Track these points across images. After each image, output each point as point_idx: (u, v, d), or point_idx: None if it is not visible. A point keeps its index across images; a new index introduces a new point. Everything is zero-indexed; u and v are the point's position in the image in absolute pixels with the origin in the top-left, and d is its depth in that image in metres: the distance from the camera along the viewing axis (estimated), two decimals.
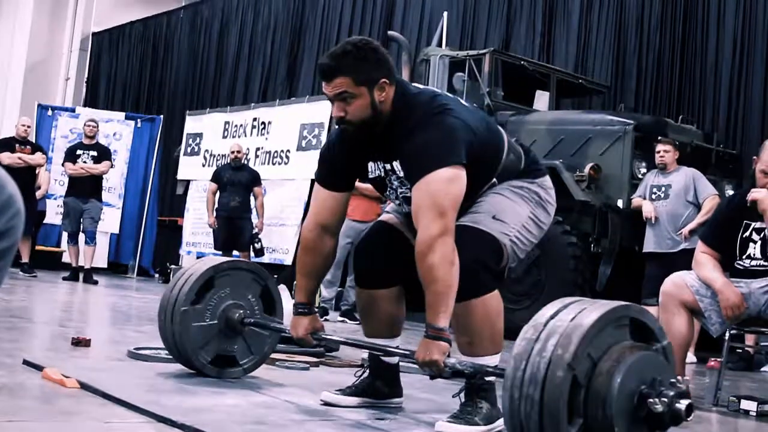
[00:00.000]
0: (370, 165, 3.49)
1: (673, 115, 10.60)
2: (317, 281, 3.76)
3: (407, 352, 3.32)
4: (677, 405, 2.49)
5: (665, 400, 2.48)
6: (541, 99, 10.56)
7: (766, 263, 4.61)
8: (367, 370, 3.72)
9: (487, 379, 3.33)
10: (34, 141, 12.85)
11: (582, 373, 2.46)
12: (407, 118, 3.29)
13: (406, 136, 3.27)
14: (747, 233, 4.70)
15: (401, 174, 3.37)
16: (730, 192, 8.75)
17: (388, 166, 3.42)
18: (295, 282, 11.61)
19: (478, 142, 3.29)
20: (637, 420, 2.51)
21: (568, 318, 2.54)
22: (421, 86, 3.62)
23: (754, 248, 4.67)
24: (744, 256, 4.68)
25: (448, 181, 3.15)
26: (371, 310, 3.63)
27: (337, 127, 3.51)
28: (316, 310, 3.86)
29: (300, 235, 3.84)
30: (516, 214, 3.45)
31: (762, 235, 4.64)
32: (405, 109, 3.32)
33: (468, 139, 3.24)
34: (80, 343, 4.67)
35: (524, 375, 2.47)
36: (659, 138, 8.61)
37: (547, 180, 3.63)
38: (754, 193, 4.58)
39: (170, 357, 4.12)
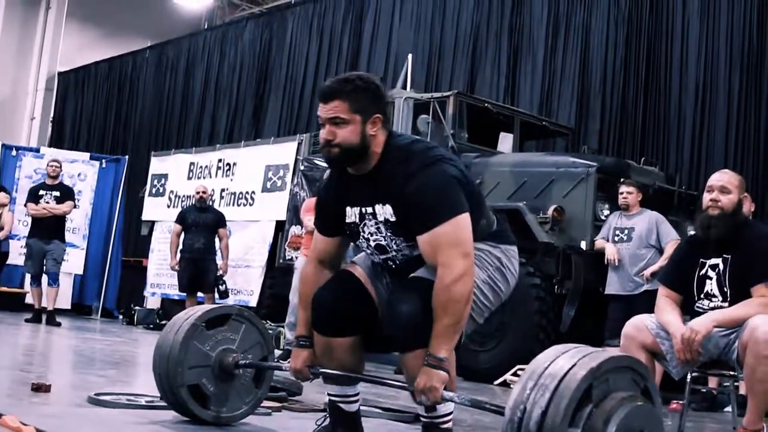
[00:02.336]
0: (348, 210, 3.53)
1: (637, 156, 10.69)
2: None
3: (404, 383, 3.38)
4: None
5: None
6: (506, 141, 10.60)
7: (723, 303, 4.63)
8: (328, 418, 3.72)
9: (444, 427, 3.38)
10: None
11: (578, 423, 2.56)
12: (403, 164, 3.34)
13: (403, 181, 3.31)
14: (703, 271, 4.73)
15: (381, 218, 3.41)
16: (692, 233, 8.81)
17: (367, 210, 3.45)
18: None
19: (468, 194, 3.36)
20: None
21: (566, 367, 2.62)
22: (413, 137, 3.68)
23: (711, 285, 4.70)
24: (702, 295, 4.70)
25: (465, 228, 3.26)
26: (329, 357, 3.61)
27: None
28: None
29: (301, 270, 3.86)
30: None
31: (717, 271, 4.67)
32: (399, 155, 3.38)
33: (464, 187, 3.34)
34: (40, 388, 4.61)
35: (522, 420, 2.56)
36: (622, 180, 8.67)
37: (512, 249, 3.65)
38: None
39: (131, 403, 4.09)
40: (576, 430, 2.55)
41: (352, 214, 3.52)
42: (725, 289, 4.62)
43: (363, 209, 3.47)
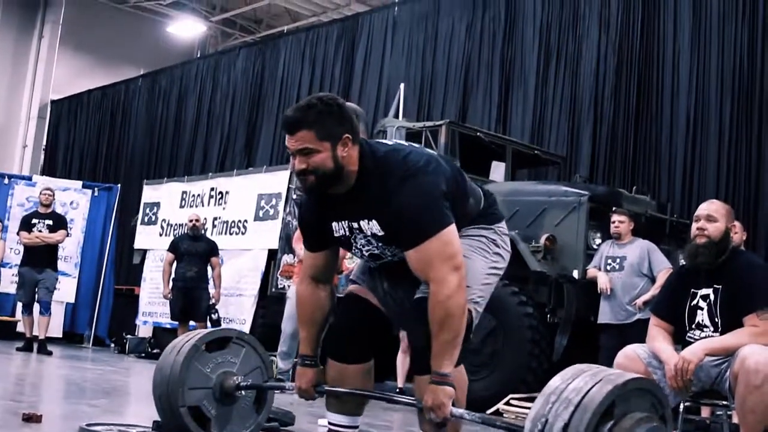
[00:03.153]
0: (334, 225, 3.54)
1: (628, 185, 10.72)
2: (318, 331, 3.74)
3: (413, 400, 3.40)
4: None
5: None
6: (497, 169, 10.62)
7: (714, 333, 4.65)
8: None
9: None
10: None
11: None
12: (381, 181, 3.35)
13: (384, 198, 3.32)
14: (694, 301, 4.74)
15: (369, 233, 3.43)
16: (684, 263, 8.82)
17: (354, 225, 3.47)
18: None
19: (451, 197, 3.38)
20: None
21: (591, 383, 2.70)
22: (387, 142, 3.67)
23: (702, 315, 4.71)
24: (693, 325, 4.71)
25: (452, 241, 3.28)
26: (340, 383, 3.62)
27: (299, 187, 3.57)
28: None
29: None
30: (475, 274, 3.50)
31: (708, 301, 4.69)
32: (376, 170, 3.38)
33: (444, 197, 3.34)
34: (31, 419, 4.60)
35: (542, 431, 2.64)
36: (614, 209, 8.70)
37: (503, 225, 3.70)
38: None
39: None
40: None
41: (339, 228, 3.52)
42: (716, 320, 4.64)
43: (350, 223, 3.48)
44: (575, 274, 8.74)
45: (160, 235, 14.30)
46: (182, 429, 3.95)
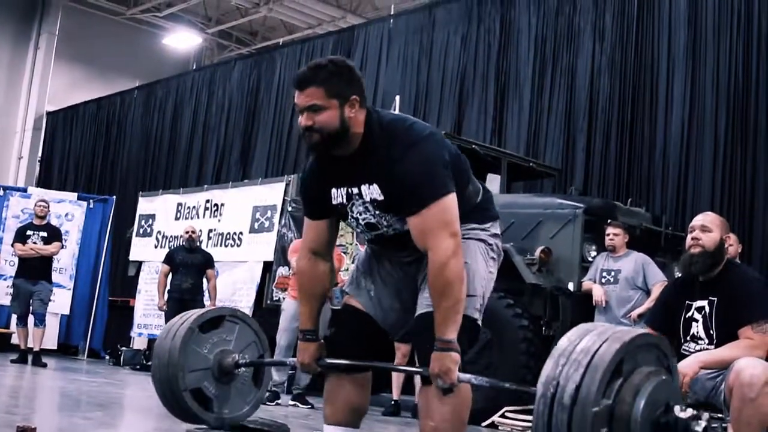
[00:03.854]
0: (333, 191, 3.57)
1: (623, 197, 10.71)
2: (318, 305, 3.77)
3: (418, 369, 3.42)
4: (696, 428, 2.82)
5: (683, 425, 2.81)
6: (493, 182, 10.62)
7: (710, 346, 4.65)
8: None
9: None
10: None
11: (609, 395, 2.74)
12: (387, 145, 3.40)
13: (387, 163, 3.38)
14: (689, 313, 4.74)
15: (368, 198, 3.47)
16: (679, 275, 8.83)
17: (354, 190, 3.50)
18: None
19: (452, 170, 3.43)
20: None
21: (598, 342, 2.79)
22: (392, 113, 3.74)
23: (697, 327, 4.71)
24: (688, 338, 4.72)
25: (451, 208, 3.34)
26: (337, 395, 3.64)
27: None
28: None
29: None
30: (477, 278, 3.54)
31: (703, 314, 4.69)
32: (382, 135, 3.43)
33: (446, 167, 3.39)
34: (26, 431, 4.59)
35: (555, 395, 2.71)
36: (609, 221, 8.70)
37: (496, 225, 3.74)
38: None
39: None
40: (608, 401, 2.70)
41: (338, 194, 3.56)
42: (711, 332, 4.64)
43: (350, 189, 3.52)
44: (570, 286, 8.74)
45: (156, 247, 14.29)
46: (186, 412, 3.96)
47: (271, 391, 8.91)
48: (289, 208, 11.79)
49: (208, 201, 13.65)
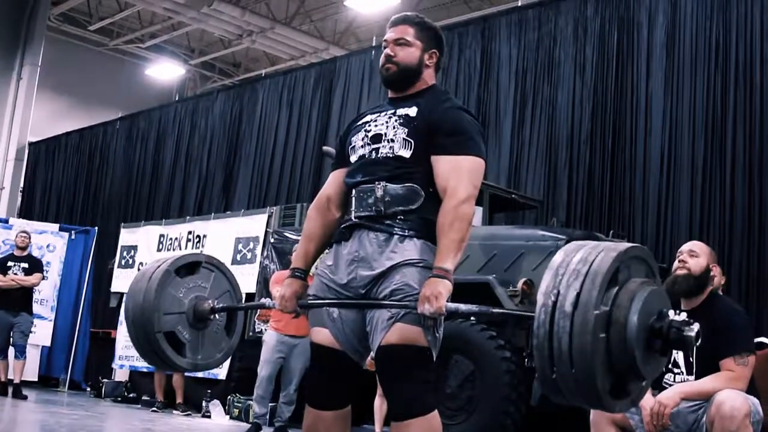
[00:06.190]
0: (368, 116, 3.74)
1: (605, 228, 10.77)
2: (317, 249, 3.79)
3: (403, 303, 3.39)
4: (688, 333, 2.92)
5: (675, 328, 2.93)
6: (475, 213, 10.64)
7: (689, 376, 4.68)
8: None
9: None
10: None
11: (607, 302, 2.87)
12: (446, 100, 3.66)
13: (442, 106, 3.60)
14: None
15: (400, 114, 3.61)
16: None
17: (390, 110, 3.66)
18: (229, 397, 11.38)
19: None
20: (651, 340, 2.95)
21: (594, 253, 2.93)
22: None
23: (677, 356, 4.75)
24: (670, 365, 4.75)
25: (480, 171, 3.54)
26: (317, 429, 3.61)
27: (382, 75, 3.74)
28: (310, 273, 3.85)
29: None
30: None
31: None
32: (442, 95, 3.71)
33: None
34: None
35: (556, 303, 2.85)
36: None
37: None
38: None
39: None
40: (605, 308, 2.84)
41: (372, 118, 3.70)
42: (691, 360, 4.67)
43: (386, 111, 3.68)
44: None
45: None
46: (159, 354, 3.93)
47: (253, 423, 8.90)
48: (272, 240, 11.80)
49: (190, 232, 13.64)
